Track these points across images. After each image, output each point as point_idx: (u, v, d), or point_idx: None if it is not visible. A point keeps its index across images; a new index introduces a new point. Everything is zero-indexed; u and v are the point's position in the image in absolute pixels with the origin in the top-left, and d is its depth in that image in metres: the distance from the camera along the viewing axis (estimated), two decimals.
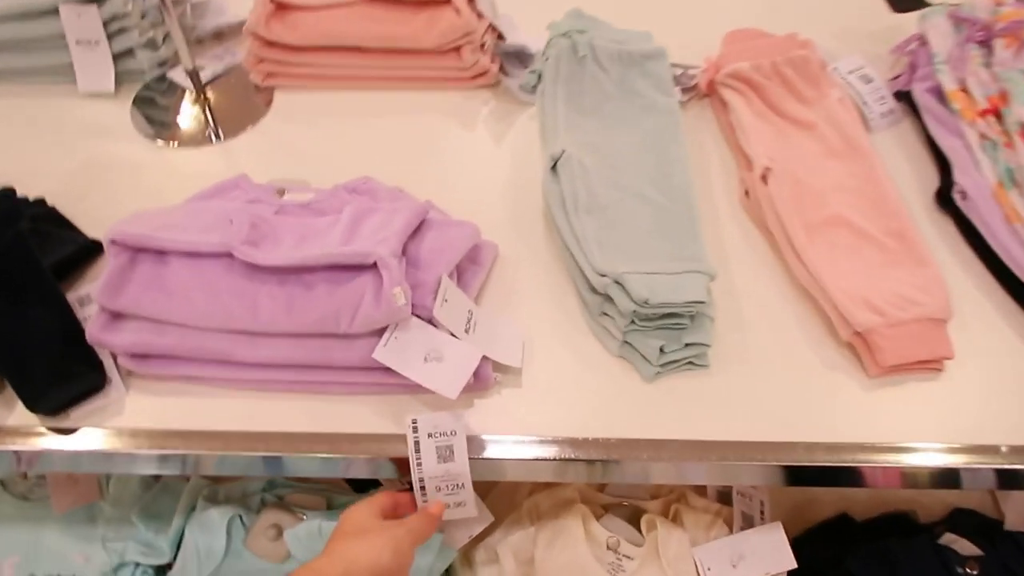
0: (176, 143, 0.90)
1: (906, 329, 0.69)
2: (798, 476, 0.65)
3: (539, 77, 0.92)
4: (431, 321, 0.66)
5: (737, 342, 0.72)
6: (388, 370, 0.64)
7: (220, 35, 1.03)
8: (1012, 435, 0.65)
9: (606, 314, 0.71)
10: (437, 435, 0.63)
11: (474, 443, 0.64)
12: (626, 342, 0.70)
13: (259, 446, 0.64)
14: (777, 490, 0.86)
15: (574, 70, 0.88)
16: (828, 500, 0.91)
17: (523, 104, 0.94)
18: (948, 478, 0.65)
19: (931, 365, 0.69)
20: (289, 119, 0.93)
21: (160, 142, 0.91)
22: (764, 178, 0.80)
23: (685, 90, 0.94)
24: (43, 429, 0.65)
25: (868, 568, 0.78)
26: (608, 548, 0.77)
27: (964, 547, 0.80)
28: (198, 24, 1.02)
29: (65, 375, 0.64)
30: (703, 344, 0.68)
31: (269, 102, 0.95)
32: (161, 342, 0.66)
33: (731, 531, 0.79)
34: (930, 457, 0.64)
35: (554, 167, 0.79)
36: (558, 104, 0.86)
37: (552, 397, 0.68)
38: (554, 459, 0.64)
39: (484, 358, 0.66)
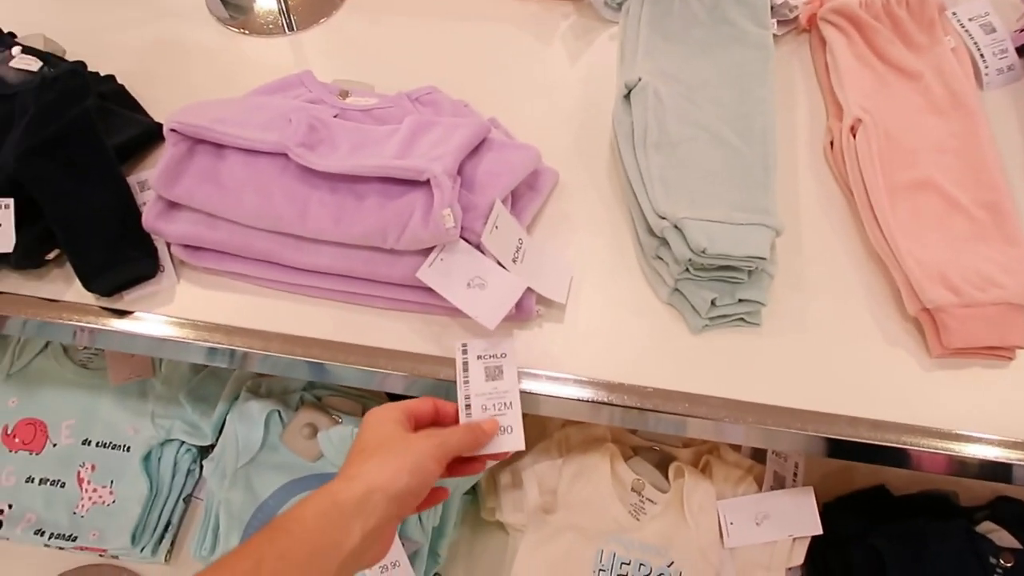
0: (248, 31, 0.89)
1: (981, 312, 0.64)
2: (838, 449, 0.62)
3: None
4: (479, 246, 0.64)
5: (795, 303, 0.68)
6: (430, 291, 0.63)
7: None
8: None
9: (660, 258, 0.68)
10: (487, 356, 0.62)
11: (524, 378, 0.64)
12: (677, 290, 0.67)
13: (298, 350, 0.65)
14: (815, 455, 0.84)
15: None
16: (866, 469, 0.89)
17: (606, 22, 0.89)
18: (998, 472, 0.62)
19: (1000, 352, 0.65)
20: (362, 15, 0.91)
21: (233, 29, 0.89)
22: (853, 130, 0.75)
23: (782, 22, 0.86)
24: (99, 307, 0.67)
25: (894, 545, 0.76)
26: (632, 490, 0.77)
27: (1002, 538, 0.77)
28: None
29: (121, 258, 0.66)
30: (758, 302, 0.65)
31: None
32: (212, 236, 0.67)
33: (760, 490, 0.78)
34: (982, 449, 0.61)
35: (627, 95, 0.75)
36: (641, 25, 0.81)
37: (593, 337, 0.66)
38: (589, 400, 0.63)
39: (528, 289, 0.65)
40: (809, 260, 0.71)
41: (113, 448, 0.83)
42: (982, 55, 0.83)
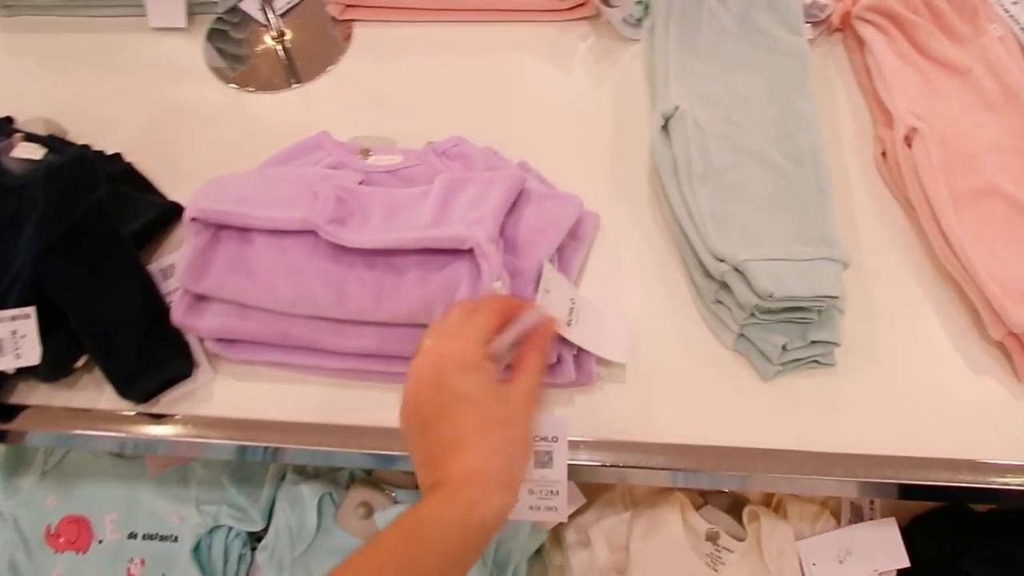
0: (252, 87, 0.84)
1: None
2: (936, 494, 0.59)
3: (646, 8, 0.82)
4: None
5: (866, 334, 0.64)
6: None
7: None
8: None
9: (720, 302, 0.65)
10: (537, 440, 0.59)
11: (575, 447, 0.60)
12: (743, 335, 0.63)
13: (352, 442, 0.61)
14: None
15: (689, 5, 0.77)
16: None
17: (626, 40, 0.84)
18: None
19: None
20: (370, 57, 0.86)
21: (236, 87, 0.85)
22: (907, 139, 0.70)
23: (814, 24, 0.82)
24: (133, 414, 0.63)
25: (986, 570, 0.72)
26: (707, 539, 0.73)
27: None
28: None
29: (153, 361, 0.62)
30: (832, 343, 0.61)
31: (348, 36, 0.88)
32: (246, 327, 0.63)
33: (839, 524, 0.75)
34: None
35: (665, 126, 0.71)
36: (669, 46, 0.76)
37: (659, 394, 0.62)
38: (661, 468, 0.59)
39: (587, 352, 0.61)
40: (875, 284, 0.67)
41: (161, 540, 0.80)
42: None
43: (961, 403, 0.61)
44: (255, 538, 0.81)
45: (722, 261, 0.62)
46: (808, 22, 0.81)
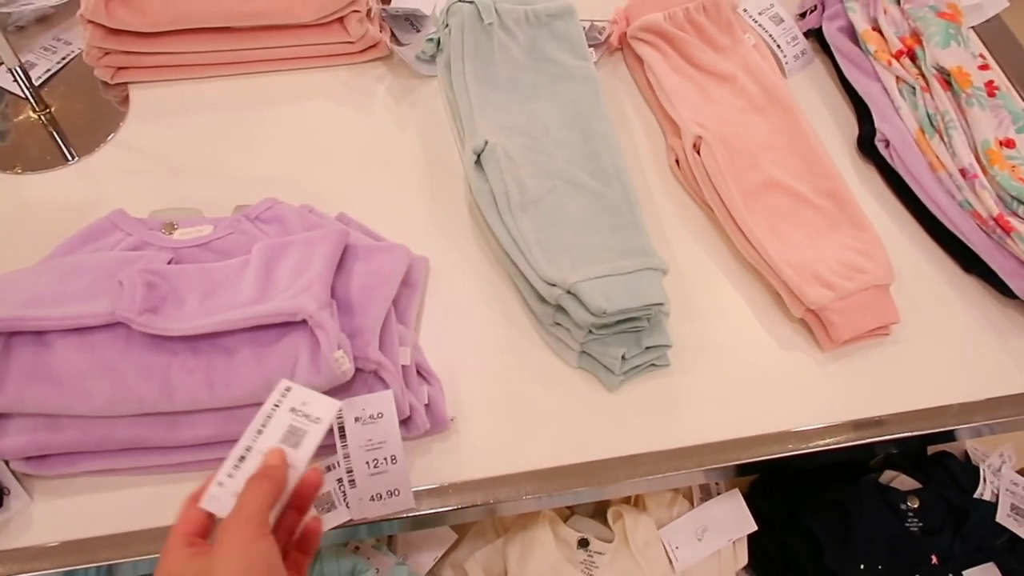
0: (19, 168, 0.76)
1: (855, 300, 0.68)
2: (771, 467, 0.64)
3: (438, 43, 0.83)
4: (376, 372, 0.59)
5: (691, 332, 0.69)
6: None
7: (46, 19, 0.86)
8: (962, 392, 0.67)
9: (559, 323, 0.67)
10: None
11: (442, 493, 0.59)
12: (585, 352, 0.66)
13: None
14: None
15: (480, 40, 0.79)
16: None
17: (423, 77, 0.85)
18: (912, 444, 0.67)
19: (880, 331, 0.70)
20: (155, 122, 0.80)
21: None
22: (696, 147, 0.76)
23: (595, 46, 0.87)
24: None
25: (823, 521, 0.81)
26: (579, 547, 0.75)
27: (904, 482, 0.84)
28: (14, 10, 0.84)
29: None
30: (664, 345, 0.66)
31: (125, 101, 0.81)
32: (59, 440, 0.56)
33: (692, 505, 0.80)
34: (893, 428, 0.66)
35: (478, 160, 0.72)
36: (468, 82, 0.78)
37: (516, 424, 0.64)
38: (529, 496, 0.60)
39: (440, 399, 0.61)
40: (690, 284, 0.72)
41: None
42: (778, 45, 0.88)
43: (778, 379, 0.67)
44: None
45: (554, 286, 0.65)
46: (590, 45, 0.86)
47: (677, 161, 0.79)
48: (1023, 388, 0.68)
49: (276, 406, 0.50)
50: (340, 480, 0.57)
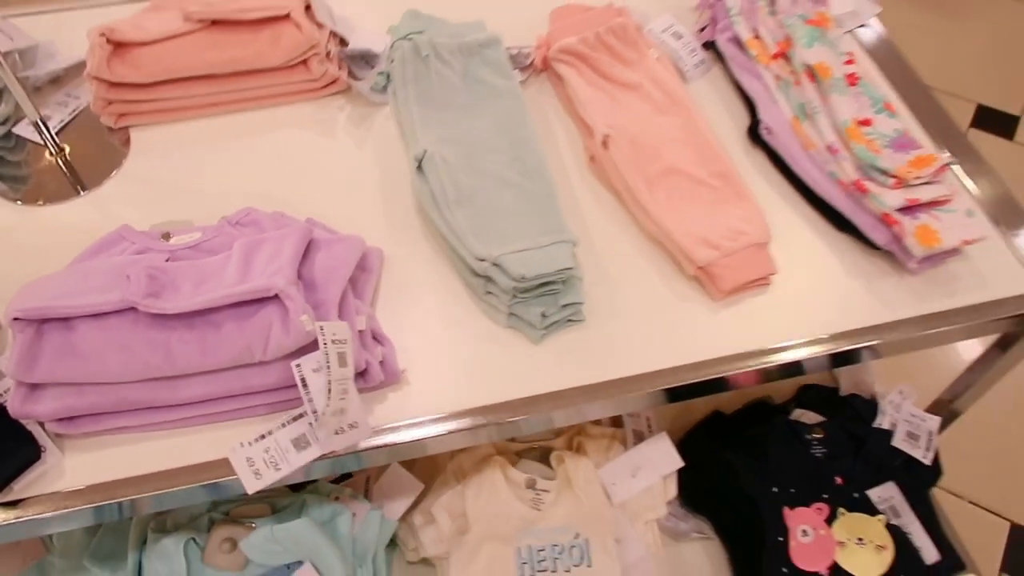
0: (41, 201, 0.91)
1: (737, 257, 0.82)
2: (675, 395, 0.77)
3: (387, 77, 0.98)
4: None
5: (604, 293, 0.83)
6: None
7: (57, 80, 1.02)
8: (832, 325, 0.80)
9: (490, 292, 0.80)
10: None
11: (394, 431, 0.73)
12: (512, 313, 0.80)
13: (203, 476, 0.70)
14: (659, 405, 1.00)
15: (420, 69, 0.94)
16: (701, 403, 1.06)
17: (377, 105, 1.00)
18: (792, 370, 0.79)
19: (761, 282, 0.83)
20: (152, 157, 0.95)
21: (21, 203, 0.91)
22: (605, 144, 0.91)
23: (523, 69, 1.02)
24: None
25: (742, 455, 0.93)
26: (527, 487, 0.88)
27: (810, 418, 0.97)
28: (32, 73, 1.00)
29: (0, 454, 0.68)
30: (577, 303, 0.79)
31: (127, 142, 0.97)
32: (84, 403, 0.70)
33: (626, 448, 0.92)
34: (777, 356, 0.78)
35: (419, 167, 0.87)
36: (411, 105, 0.93)
37: (461, 373, 0.77)
38: (469, 428, 0.73)
39: (391, 352, 0.75)
40: (603, 255, 0.86)
41: None
42: (679, 56, 1.03)
43: (678, 325, 0.80)
44: None
45: (483, 260, 0.78)
46: (518, 68, 1.01)
47: (592, 158, 0.94)
48: (884, 319, 0.81)
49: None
50: (310, 423, 0.70)
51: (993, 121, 2.17)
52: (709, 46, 1.05)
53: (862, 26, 1.09)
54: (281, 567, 0.82)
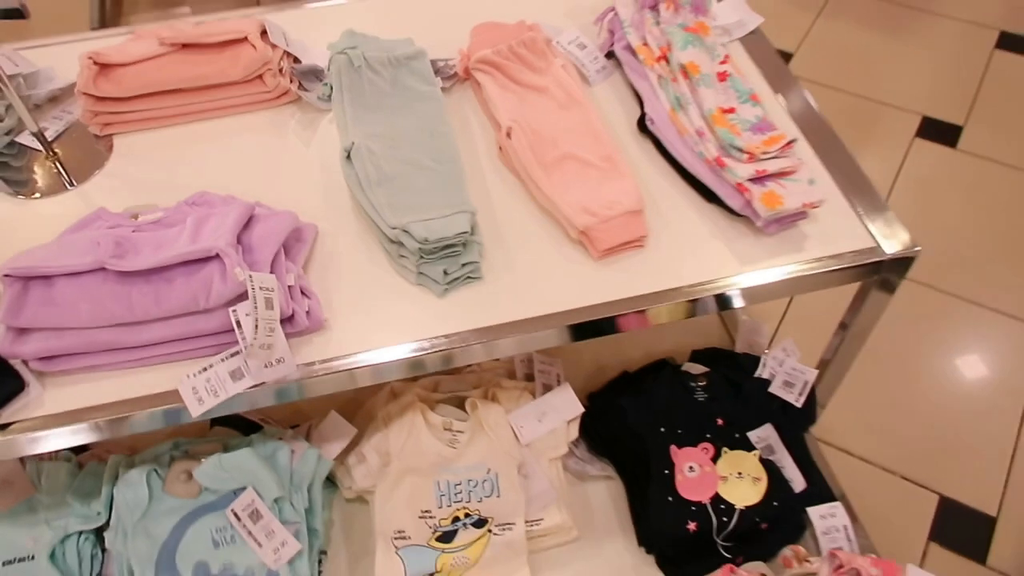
0: (37, 195, 1.08)
1: (613, 222, 0.97)
2: (575, 332, 0.91)
3: (331, 87, 1.15)
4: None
5: (504, 257, 0.98)
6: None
7: (55, 98, 1.20)
8: (695, 276, 0.94)
9: (403, 256, 0.96)
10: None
11: (330, 364, 0.88)
12: (420, 272, 0.95)
13: (158, 403, 0.85)
14: (571, 363, 1.14)
15: (353, 78, 1.11)
16: (612, 364, 1.20)
17: (323, 111, 1.17)
18: (668, 313, 0.93)
19: (635, 243, 0.98)
20: (131, 158, 1.12)
21: (21, 197, 1.08)
22: (509, 134, 1.07)
23: (448, 78, 1.19)
24: None
25: (633, 400, 1.06)
26: (445, 429, 1.02)
27: (697, 369, 1.10)
28: (33, 93, 1.18)
29: None
30: (474, 262, 0.94)
31: (110, 147, 1.14)
32: (61, 344, 0.86)
33: (534, 397, 1.06)
34: (659, 297, 0.92)
35: (348, 156, 1.03)
36: (345, 107, 1.09)
37: (373, 322, 0.92)
38: (381, 364, 0.88)
39: (315, 305, 0.90)
40: (504, 226, 1.01)
41: (20, 561, 0.96)
42: (583, 64, 1.19)
43: (564, 280, 0.95)
44: (102, 538, 1.00)
45: (395, 228, 0.94)
46: (446, 77, 1.18)
47: (500, 148, 1.09)
48: (739, 271, 0.95)
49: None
50: (245, 360, 0.85)
51: (937, 131, 2.31)
52: (611, 55, 1.21)
53: (751, 33, 1.25)
54: (228, 493, 0.96)
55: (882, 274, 0.98)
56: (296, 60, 1.21)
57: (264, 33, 1.16)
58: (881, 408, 1.72)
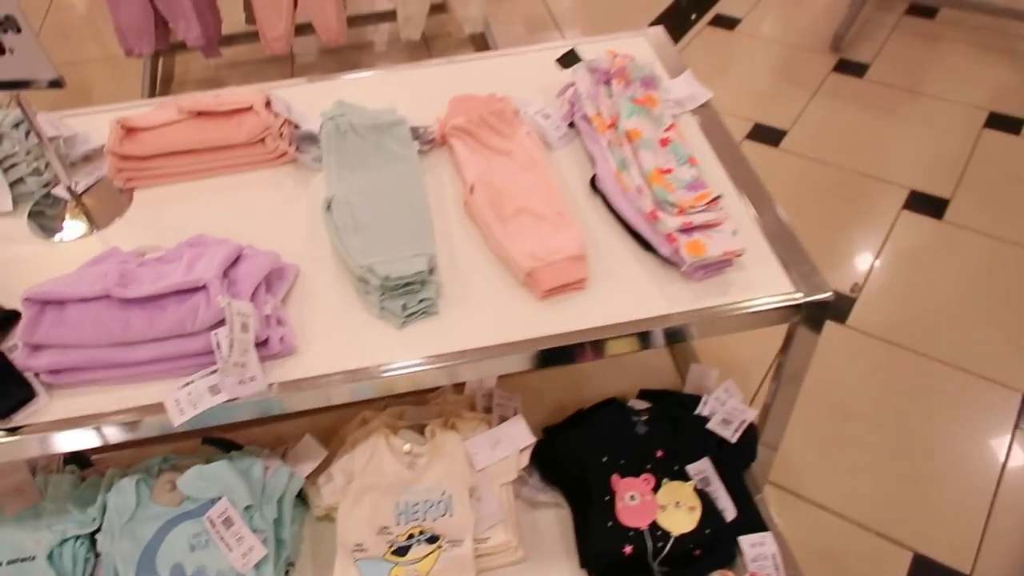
0: (65, 239, 1.24)
1: (556, 266, 1.09)
2: (498, 365, 1.02)
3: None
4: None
5: (461, 296, 1.10)
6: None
7: (88, 158, 1.39)
8: (627, 315, 1.05)
9: (368, 292, 1.09)
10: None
11: (288, 386, 1.00)
12: (383, 307, 1.07)
13: (146, 412, 0.98)
14: (532, 401, 1.24)
15: (340, 142, 1.27)
16: (570, 403, 1.30)
17: (315, 171, 1.33)
18: (601, 347, 1.04)
19: (575, 286, 1.09)
20: (147, 209, 1.29)
21: (52, 240, 1.25)
22: (472, 190, 1.21)
23: (427, 142, 1.34)
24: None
25: (577, 431, 1.16)
26: (405, 453, 1.12)
27: (641, 404, 1.19)
28: (70, 152, 1.37)
29: (6, 392, 0.97)
30: (430, 298, 1.07)
31: (131, 199, 1.31)
32: (67, 359, 1.00)
33: (490, 427, 1.16)
34: (593, 333, 1.03)
35: (328, 207, 1.17)
36: (332, 167, 1.25)
37: (341, 350, 1.04)
38: (343, 383, 1.00)
39: (288, 329, 1.03)
40: (464, 270, 1.14)
41: (22, 561, 1.08)
42: (546, 131, 1.33)
43: (511, 317, 1.06)
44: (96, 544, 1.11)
45: (362, 267, 1.07)
46: (425, 141, 1.33)
47: (466, 202, 1.23)
48: (666, 311, 1.05)
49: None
50: (220, 374, 0.98)
51: (924, 204, 2.40)
52: (572, 124, 1.35)
53: (703, 105, 1.39)
54: (207, 503, 1.07)
55: (801, 316, 1.07)
56: (296, 126, 1.38)
57: (268, 103, 1.33)
58: (858, 465, 1.77)
